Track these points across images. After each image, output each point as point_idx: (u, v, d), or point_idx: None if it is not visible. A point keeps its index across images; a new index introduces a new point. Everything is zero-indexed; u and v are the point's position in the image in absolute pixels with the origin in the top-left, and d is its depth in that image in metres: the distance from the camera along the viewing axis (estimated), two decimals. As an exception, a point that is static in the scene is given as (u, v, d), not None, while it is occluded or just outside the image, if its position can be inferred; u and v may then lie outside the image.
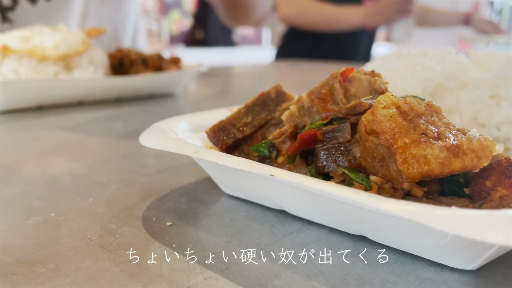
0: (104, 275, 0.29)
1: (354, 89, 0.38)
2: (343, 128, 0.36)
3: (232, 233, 0.35)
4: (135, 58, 1.02)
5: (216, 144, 0.44)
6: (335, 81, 0.38)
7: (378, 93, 0.38)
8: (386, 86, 0.39)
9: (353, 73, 0.38)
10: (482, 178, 0.32)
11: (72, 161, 0.54)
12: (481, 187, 0.32)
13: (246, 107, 0.45)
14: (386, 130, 0.31)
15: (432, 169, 0.29)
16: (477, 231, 0.23)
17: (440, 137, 0.30)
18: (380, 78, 0.39)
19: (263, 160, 0.40)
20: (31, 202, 0.41)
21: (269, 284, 0.28)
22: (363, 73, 0.39)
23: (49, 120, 0.78)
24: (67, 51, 0.87)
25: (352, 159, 0.35)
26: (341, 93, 0.37)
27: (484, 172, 0.32)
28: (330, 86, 0.38)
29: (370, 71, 0.39)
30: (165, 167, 0.51)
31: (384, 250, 0.32)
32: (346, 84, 0.37)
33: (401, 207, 0.25)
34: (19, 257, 0.31)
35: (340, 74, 0.38)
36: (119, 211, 0.39)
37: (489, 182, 0.31)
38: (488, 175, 0.32)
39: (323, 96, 0.38)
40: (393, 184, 0.32)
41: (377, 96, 0.38)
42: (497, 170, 0.31)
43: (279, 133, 0.40)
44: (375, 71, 0.39)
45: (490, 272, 0.30)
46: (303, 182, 0.30)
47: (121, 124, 0.75)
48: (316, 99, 0.38)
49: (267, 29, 5.32)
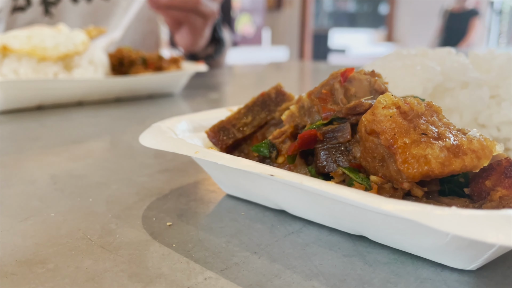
0: (104, 275, 0.29)
1: (354, 89, 0.38)
2: (343, 128, 0.36)
3: (232, 233, 0.35)
4: (135, 58, 1.02)
5: (216, 144, 0.44)
6: (335, 81, 0.38)
7: (378, 93, 0.38)
8: (386, 86, 0.39)
9: (353, 73, 0.38)
10: (482, 178, 0.32)
11: (72, 161, 0.54)
12: (481, 187, 0.32)
13: (246, 107, 0.45)
14: (386, 130, 0.31)
15: (432, 169, 0.29)
16: (477, 231, 0.23)
17: (440, 137, 0.30)
18: (380, 78, 0.39)
19: (263, 160, 0.40)
20: (31, 202, 0.41)
21: (269, 284, 0.28)
22: (363, 73, 0.39)
23: (49, 120, 0.78)
24: (67, 51, 0.87)
25: (352, 159, 0.35)
26: (342, 93, 0.37)
27: (484, 172, 0.32)
28: (330, 86, 0.38)
29: (370, 71, 0.39)
30: (165, 167, 0.51)
31: (384, 250, 0.32)
32: (346, 84, 0.38)
33: (401, 207, 0.25)
34: (19, 257, 0.31)
35: (340, 74, 0.38)
36: (119, 211, 0.39)
37: (489, 182, 0.31)
38: (488, 175, 0.32)
39: (323, 96, 0.38)
40: (393, 184, 0.32)
41: (378, 96, 0.38)
42: (497, 170, 0.31)
43: (279, 133, 0.40)
44: (375, 71, 0.39)
45: (490, 272, 0.30)
46: (303, 182, 0.30)
47: (121, 124, 0.75)
48: (316, 99, 0.38)
49: (267, 29, 5.33)
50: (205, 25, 1.18)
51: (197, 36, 1.21)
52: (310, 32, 5.80)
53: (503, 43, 5.66)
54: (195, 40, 1.22)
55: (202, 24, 1.16)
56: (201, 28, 1.18)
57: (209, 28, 1.23)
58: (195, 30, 1.18)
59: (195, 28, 1.17)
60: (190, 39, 1.22)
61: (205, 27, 1.19)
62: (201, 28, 1.18)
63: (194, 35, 1.20)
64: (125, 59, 1.02)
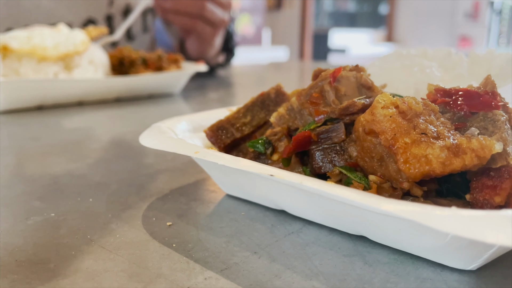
0: (104, 275, 0.29)
1: (344, 89, 0.38)
2: (337, 128, 0.36)
3: (232, 233, 0.35)
4: (135, 58, 1.02)
5: (215, 143, 0.44)
6: (324, 83, 0.38)
7: (365, 88, 0.38)
8: (372, 80, 0.39)
9: (340, 72, 0.38)
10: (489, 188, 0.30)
11: (72, 161, 0.54)
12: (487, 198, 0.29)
13: (246, 107, 0.45)
14: (386, 130, 0.31)
15: (434, 168, 0.29)
16: (477, 231, 0.23)
17: (439, 136, 0.30)
18: (365, 72, 0.39)
19: (258, 156, 0.40)
20: (31, 202, 0.41)
21: (269, 284, 0.28)
22: (348, 70, 0.39)
23: (49, 120, 0.78)
24: (67, 51, 0.87)
25: (348, 159, 0.35)
26: (333, 95, 0.37)
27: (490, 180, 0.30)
28: (320, 88, 0.38)
29: (354, 66, 0.39)
30: (165, 167, 0.51)
31: (384, 250, 0.32)
32: (335, 84, 0.38)
33: (401, 207, 0.25)
34: (19, 257, 0.31)
35: (329, 75, 0.38)
36: (119, 211, 0.39)
37: (498, 198, 0.29)
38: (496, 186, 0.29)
39: (315, 100, 0.38)
40: (392, 184, 0.32)
41: (368, 94, 0.38)
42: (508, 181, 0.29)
43: (271, 133, 0.40)
44: (359, 66, 0.39)
45: (490, 272, 0.30)
46: (303, 182, 0.30)
47: (121, 124, 0.75)
48: (307, 102, 0.38)
49: (267, 29, 5.33)
50: (214, 34, 1.17)
51: (205, 45, 1.20)
52: (310, 32, 5.79)
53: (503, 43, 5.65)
54: (204, 49, 1.21)
55: (210, 32, 1.15)
56: (210, 37, 1.17)
57: (219, 37, 1.22)
58: (203, 38, 1.17)
59: (203, 36, 1.16)
60: (199, 47, 1.21)
61: (214, 36, 1.17)
62: (210, 36, 1.16)
63: (203, 44, 1.19)
64: (125, 59, 1.02)
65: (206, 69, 1.12)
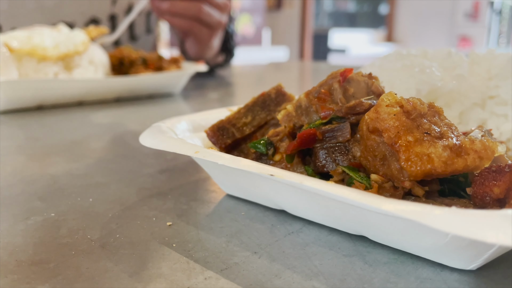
0: (104, 275, 0.29)
1: (353, 90, 0.38)
2: (343, 127, 0.36)
3: (232, 233, 0.35)
4: (135, 58, 1.02)
5: (215, 143, 0.44)
6: (334, 81, 0.38)
7: (375, 95, 0.38)
8: (384, 89, 0.39)
9: (351, 74, 0.38)
10: (488, 180, 0.30)
11: (72, 161, 0.54)
12: (486, 191, 0.30)
13: (246, 107, 0.45)
14: (390, 128, 0.31)
15: (435, 167, 0.29)
16: (477, 231, 0.23)
17: (442, 136, 0.30)
18: (377, 81, 0.39)
19: (260, 156, 0.40)
20: (31, 202, 0.41)
21: (269, 284, 0.28)
22: (361, 75, 0.39)
23: (49, 120, 0.78)
24: (67, 51, 0.87)
25: (351, 159, 0.35)
26: (341, 93, 0.37)
27: (490, 174, 0.31)
28: (329, 85, 0.38)
29: (368, 73, 0.39)
30: (165, 167, 0.51)
31: (384, 250, 0.32)
32: (345, 84, 0.38)
33: (401, 207, 0.25)
34: (19, 257, 0.31)
35: (339, 74, 0.38)
36: (119, 211, 0.39)
37: (497, 189, 0.30)
38: (496, 179, 0.30)
39: (322, 96, 0.38)
40: (393, 183, 0.32)
41: (377, 97, 0.38)
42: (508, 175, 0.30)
43: (274, 133, 0.40)
44: (372, 74, 0.39)
45: (490, 272, 0.30)
46: (303, 182, 0.30)
47: (121, 124, 0.75)
48: (315, 98, 0.38)
49: (267, 29, 5.33)
50: (212, 36, 1.16)
51: (203, 46, 1.20)
52: (310, 32, 5.80)
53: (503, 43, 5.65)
54: (202, 50, 1.21)
55: (208, 34, 1.15)
56: (207, 39, 1.16)
57: (217, 39, 1.21)
58: (200, 40, 1.16)
59: (200, 38, 1.15)
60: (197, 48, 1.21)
61: (211, 38, 1.17)
62: (207, 38, 1.16)
63: (201, 45, 1.19)
64: (125, 59, 1.02)
65: (206, 69, 1.12)
